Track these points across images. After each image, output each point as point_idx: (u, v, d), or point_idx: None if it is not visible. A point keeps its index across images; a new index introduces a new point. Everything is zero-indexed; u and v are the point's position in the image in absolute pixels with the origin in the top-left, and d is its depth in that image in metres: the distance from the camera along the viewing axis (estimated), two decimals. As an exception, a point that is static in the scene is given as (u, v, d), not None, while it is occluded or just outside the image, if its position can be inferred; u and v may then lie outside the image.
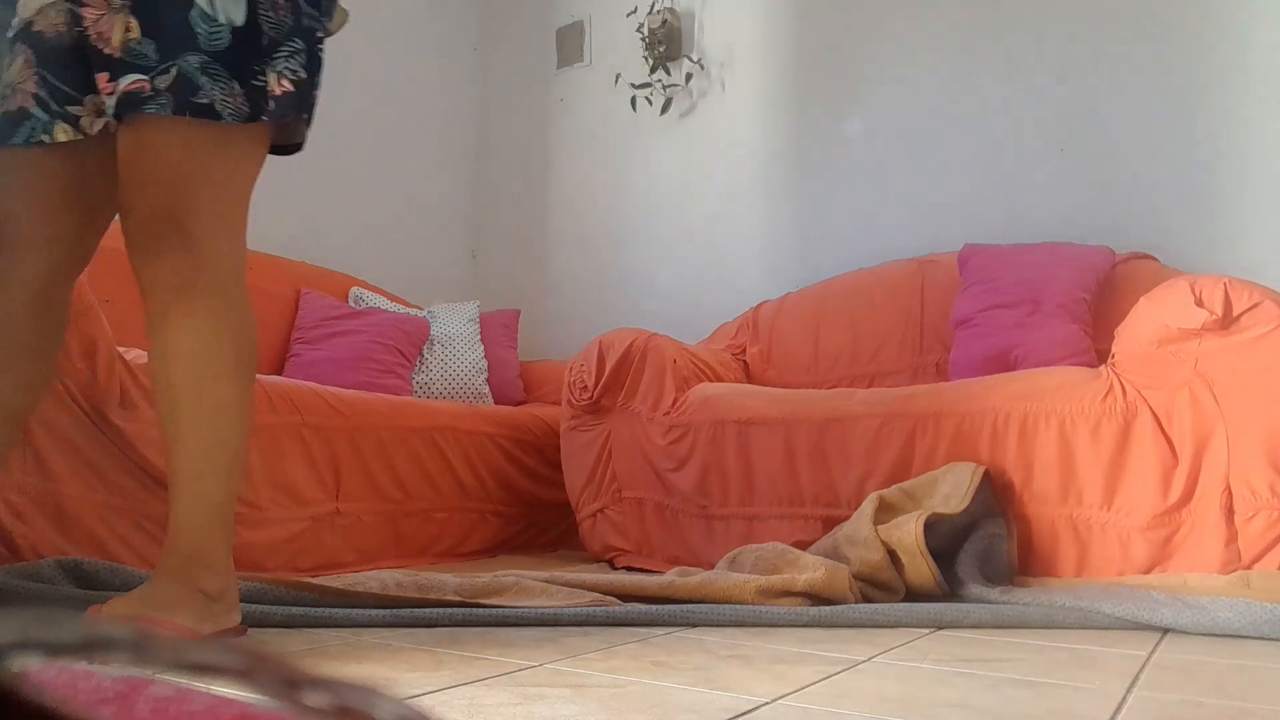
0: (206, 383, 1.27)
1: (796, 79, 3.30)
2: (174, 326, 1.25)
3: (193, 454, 1.26)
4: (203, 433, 1.27)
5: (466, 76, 4.00)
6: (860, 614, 1.62)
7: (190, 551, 1.26)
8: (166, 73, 1.21)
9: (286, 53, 1.28)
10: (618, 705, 1.03)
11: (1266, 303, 1.81)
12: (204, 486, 1.27)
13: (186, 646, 0.23)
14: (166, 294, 1.26)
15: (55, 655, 0.23)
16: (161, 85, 1.21)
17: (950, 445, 2.05)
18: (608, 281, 3.65)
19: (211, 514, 1.28)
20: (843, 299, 2.92)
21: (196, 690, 0.31)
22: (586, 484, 2.55)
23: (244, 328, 1.31)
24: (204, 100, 1.22)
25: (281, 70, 1.27)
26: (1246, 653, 1.43)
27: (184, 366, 1.26)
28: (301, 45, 1.30)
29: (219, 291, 1.27)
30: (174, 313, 1.25)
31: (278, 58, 1.27)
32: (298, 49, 1.29)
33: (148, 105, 1.21)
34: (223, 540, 1.30)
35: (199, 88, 1.21)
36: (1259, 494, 1.75)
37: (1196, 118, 2.65)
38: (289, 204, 3.29)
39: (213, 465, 1.27)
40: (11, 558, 1.60)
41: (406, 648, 1.34)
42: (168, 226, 1.24)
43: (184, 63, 1.21)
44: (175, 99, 1.21)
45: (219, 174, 1.27)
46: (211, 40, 1.22)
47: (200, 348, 1.26)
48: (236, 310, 1.30)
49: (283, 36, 1.28)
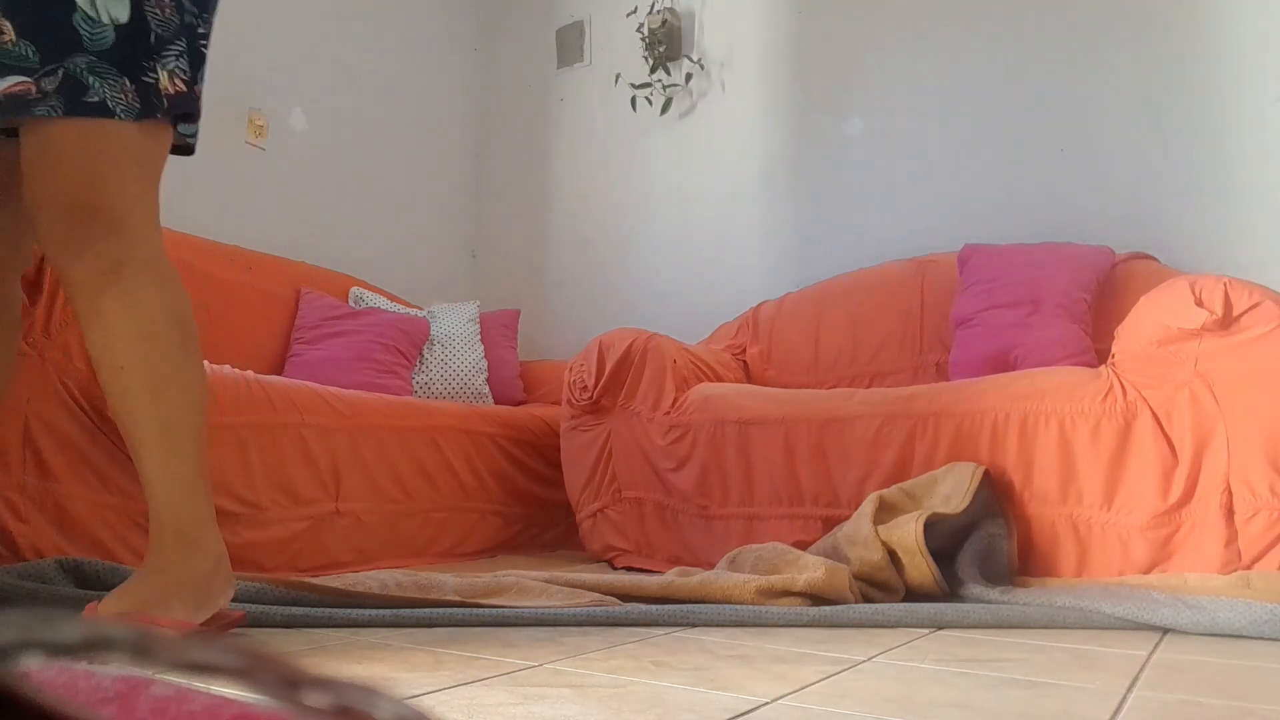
0: (157, 360, 1.26)
1: (796, 79, 3.30)
2: (111, 310, 1.25)
3: (157, 434, 1.26)
4: (163, 411, 1.26)
5: (466, 76, 4.00)
6: (860, 614, 1.62)
7: (174, 534, 1.26)
8: (53, 74, 1.21)
9: (175, 52, 1.29)
10: (618, 705, 1.03)
11: (1266, 303, 1.81)
12: (175, 465, 1.27)
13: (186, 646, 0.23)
14: (97, 281, 1.25)
15: (55, 655, 0.23)
16: (49, 87, 1.21)
17: (950, 445, 2.05)
18: (608, 281, 3.65)
19: (187, 491, 1.28)
20: (843, 299, 2.92)
21: (196, 690, 0.31)
22: (586, 484, 2.55)
23: (180, 301, 1.31)
24: (94, 99, 1.22)
25: (173, 70, 1.28)
26: (1246, 653, 1.42)
27: (131, 347, 1.25)
28: (185, 44, 1.30)
29: (148, 269, 1.27)
30: (108, 298, 1.25)
31: (167, 56, 1.28)
32: (183, 48, 1.30)
33: (37, 107, 1.21)
34: (205, 515, 1.30)
35: (88, 87, 1.22)
36: (1259, 494, 1.75)
37: (1196, 118, 2.65)
38: (289, 204, 3.29)
39: (179, 443, 1.27)
40: (11, 558, 1.60)
41: (406, 648, 1.34)
42: (84, 214, 1.24)
43: (70, 64, 1.22)
44: (66, 100, 1.21)
45: (125, 160, 1.27)
46: (96, 40, 1.23)
47: (144, 327, 1.26)
48: (169, 285, 1.29)
49: (170, 35, 1.28)
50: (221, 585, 1.31)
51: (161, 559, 1.27)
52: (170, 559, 1.26)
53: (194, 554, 1.27)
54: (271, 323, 2.89)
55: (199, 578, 1.27)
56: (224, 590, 1.31)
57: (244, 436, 2.03)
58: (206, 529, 1.29)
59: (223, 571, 1.31)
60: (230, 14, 3.09)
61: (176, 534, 1.27)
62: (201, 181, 2.99)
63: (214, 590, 1.29)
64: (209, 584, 1.28)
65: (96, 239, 1.24)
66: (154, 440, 1.27)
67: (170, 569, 1.26)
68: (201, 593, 1.27)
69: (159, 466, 1.27)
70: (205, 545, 1.29)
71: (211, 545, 1.30)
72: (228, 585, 1.32)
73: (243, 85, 3.13)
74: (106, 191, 1.24)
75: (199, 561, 1.27)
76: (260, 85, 3.19)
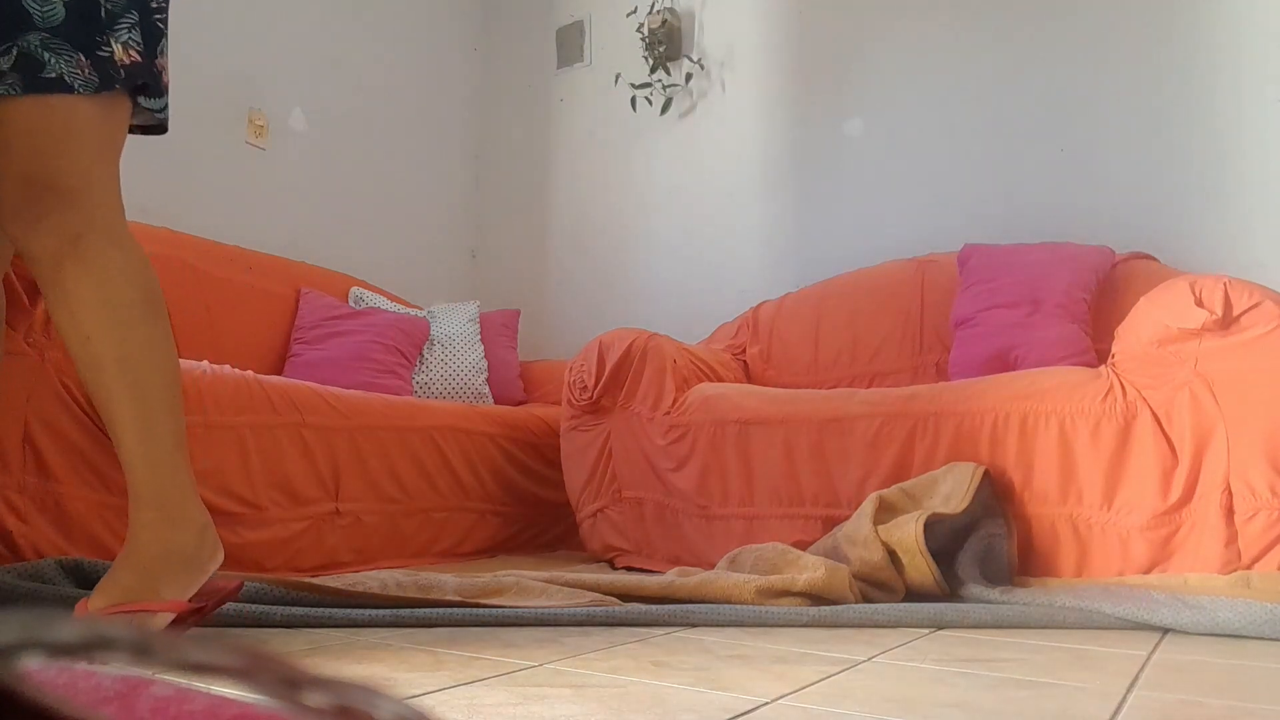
0: (123, 326, 1.25)
1: (796, 79, 3.30)
2: (73, 280, 1.24)
3: (129, 402, 1.25)
4: (135, 377, 1.25)
5: (466, 76, 4.00)
6: (860, 614, 1.62)
7: (154, 504, 1.24)
8: (7, 54, 1.22)
9: (127, 25, 1.29)
10: (618, 705, 1.03)
11: (1266, 303, 1.81)
12: (151, 432, 1.25)
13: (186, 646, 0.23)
14: (57, 251, 1.24)
15: (55, 655, 0.23)
16: (4, 66, 1.22)
17: (950, 445, 2.05)
18: (608, 281, 3.65)
19: (166, 459, 1.26)
20: (843, 299, 2.92)
21: (196, 690, 0.31)
22: (586, 484, 2.55)
23: (142, 268, 1.30)
24: (51, 75, 1.23)
25: (126, 41, 1.28)
26: (1246, 653, 1.42)
27: (96, 315, 1.24)
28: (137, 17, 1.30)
29: (109, 238, 1.27)
30: (69, 267, 1.24)
31: (119, 29, 1.28)
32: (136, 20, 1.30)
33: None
34: (186, 482, 1.28)
35: (44, 64, 1.22)
36: (1259, 494, 1.75)
37: (1196, 117, 2.65)
38: (289, 204, 3.29)
39: (154, 409, 1.26)
40: (11, 558, 1.60)
41: (406, 648, 1.34)
42: (41, 188, 1.24)
43: (23, 42, 1.22)
44: (23, 77, 1.22)
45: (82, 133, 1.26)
46: (46, 17, 1.23)
47: (106, 295, 1.25)
48: (130, 253, 1.29)
49: (120, 9, 1.28)
50: (209, 553, 1.28)
51: (144, 536, 1.24)
52: (152, 536, 1.24)
53: (177, 527, 1.25)
54: (271, 323, 2.89)
55: (185, 552, 1.25)
56: (213, 557, 1.29)
57: (244, 436, 2.03)
58: (188, 498, 1.27)
59: (208, 540, 1.29)
60: (230, 14, 3.10)
61: (157, 508, 1.24)
62: (201, 181, 2.99)
63: (202, 560, 1.26)
64: (196, 556, 1.26)
65: (52, 212, 1.24)
66: (127, 410, 1.25)
67: (153, 547, 1.23)
68: (189, 567, 1.24)
69: (134, 438, 1.25)
70: (188, 515, 1.27)
71: (194, 514, 1.28)
72: (215, 552, 1.30)
73: (243, 85, 3.13)
74: (61, 165, 1.24)
75: (183, 535, 1.25)
76: (260, 85, 3.19)
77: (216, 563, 1.30)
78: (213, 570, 1.30)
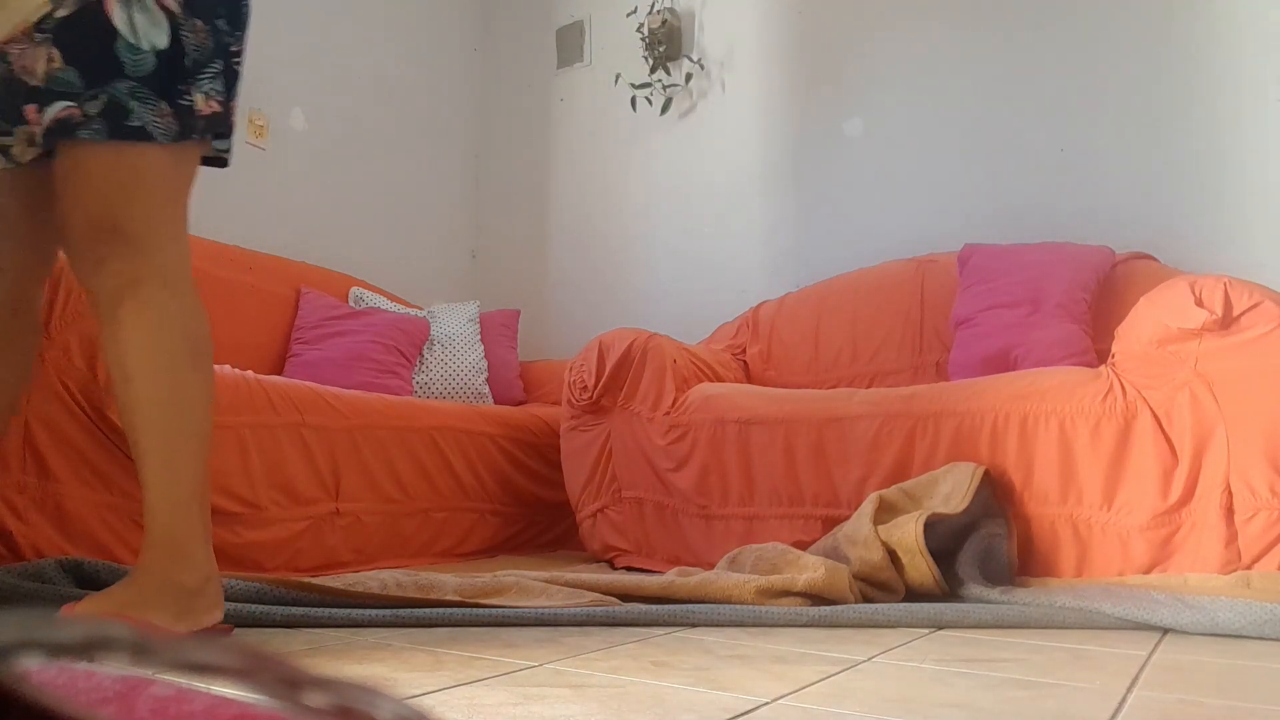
0: (163, 373, 1.29)
1: (796, 79, 3.30)
2: (126, 323, 1.28)
3: (158, 445, 1.28)
4: (166, 422, 1.29)
5: (466, 76, 4.00)
6: (860, 614, 1.62)
7: (165, 544, 1.27)
8: (96, 99, 1.26)
9: (210, 74, 1.34)
10: (618, 705, 1.03)
11: (1266, 303, 1.81)
12: (173, 477, 1.28)
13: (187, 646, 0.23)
14: (114, 296, 1.29)
15: (55, 655, 0.23)
16: (93, 111, 1.26)
17: (950, 445, 2.05)
18: (608, 281, 3.65)
19: (183, 504, 1.29)
20: (843, 299, 2.92)
21: (196, 690, 0.31)
22: (586, 484, 2.55)
23: (194, 318, 1.34)
24: (136, 123, 1.27)
25: (208, 91, 1.33)
26: (1246, 653, 1.42)
27: (140, 358, 1.28)
28: (221, 66, 1.36)
29: (166, 285, 1.30)
30: (124, 310, 1.28)
31: (202, 79, 1.33)
32: (219, 70, 1.35)
33: (80, 130, 1.26)
34: (199, 532, 1.30)
35: (130, 111, 1.27)
36: (1259, 494, 1.75)
37: (1197, 117, 2.65)
38: (289, 204, 3.29)
39: (179, 455, 1.29)
40: (11, 558, 1.60)
41: (406, 648, 1.34)
42: (107, 232, 1.28)
43: (113, 89, 1.27)
44: (108, 124, 1.26)
45: (152, 180, 1.31)
46: (137, 66, 1.27)
47: (153, 339, 1.29)
48: (185, 301, 1.33)
49: (205, 58, 1.33)
50: (207, 606, 1.30)
51: (148, 568, 1.27)
52: (156, 567, 1.26)
53: (181, 566, 1.27)
54: (271, 323, 2.89)
55: (183, 590, 1.27)
56: (209, 611, 1.30)
57: (244, 436, 2.03)
58: (198, 546, 1.30)
59: (210, 592, 1.30)
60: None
61: (166, 545, 1.27)
62: (201, 181, 2.98)
63: (197, 608, 1.28)
64: (192, 600, 1.28)
65: (116, 256, 1.28)
66: (153, 454, 1.28)
67: (154, 575, 1.26)
68: (184, 605, 1.26)
69: (156, 480, 1.28)
70: (194, 561, 1.29)
71: (200, 562, 1.30)
72: (214, 607, 1.31)
73: (243, 85, 3.12)
74: (131, 211, 1.29)
75: (187, 575, 1.27)
76: (260, 85, 3.19)
77: (213, 618, 1.31)
78: (206, 624, 1.31)
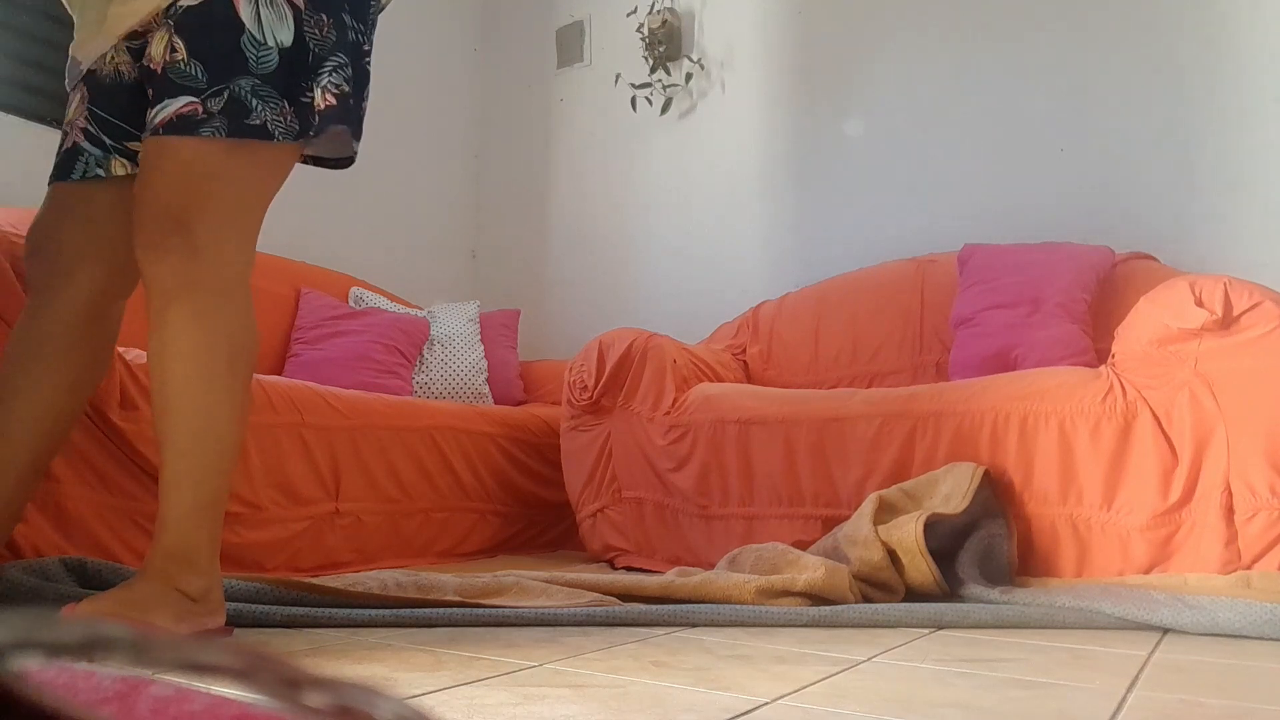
0: (198, 381, 1.28)
1: (796, 79, 3.30)
2: (172, 326, 1.27)
3: (182, 452, 1.27)
4: (193, 431, 1.28)
5: (466, 76, 4.00)
6: (860, 614, 1.62)
7: (173, 549, 1.26)
8: (219, 95, 1.25)
9: (330, 67, 1.31)
10: (618, 705, 1.03)
11: (1266, 303, 1.81)
12: (192, 484, 1.28)
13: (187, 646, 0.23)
14: (168, 293, 1.27)
15: (55, 655, 0.23)
16: (214, 108, 1.25)
17: (950, 445, 2.05)
18: (608, 281, 3.65)
19: (197, 513, 1.28)
20: (843, 299, 2.92)
21: (196, 690, 0.31)
22: (586, 484, 2.55)
23: (242, 330, 1.32)
24: (256, 121, 1.26)
25: (325, 85, 1.30)
26: (1246, 653, 1.42)
27: (178, 365, 1.27)
28: (345, 59, 1.33)
29: (220, 293, 1.29)
30: (173, 312, 1.27)
31: (322, 73, 1.30)
32: (341, 63, 1.33)
33: (202, 128, 1.25)
34: (208, 541, 1.29)
35: (250, 110, 1.26)
36: (1259, 494, 1.75)
37: (1196, 118, 2.65)
38: (289, 204, 3.28)
39: (201, 464, 1.28)
40: (12, 558, 1.59)
41: (406, 648, 1.34)
42: (174, 225, 1.26)
43: (235, 86, 1.25)
44: (230, 122, 1.25)
45: (235, 179, 1.29)
46: (261, 64, 1.26)
47: (194, 347, 1.27)
48: (236, 312, 1.31)
49: (327, 52, 1.31)
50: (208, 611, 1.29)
51: (153, 570, 1.26)
52: (162, 572, 1.26)
53: (188, 571, 1.27)
54: (271, 323, 2.89)
55: (188, 592, 1.26)
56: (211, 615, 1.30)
57: (244, 436, 2.03)
58: (204, 557, 1.29)
59: (212, 598, 1.30)
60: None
61: (175, 552, 1.27)
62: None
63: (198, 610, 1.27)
64: (195, 604, 1.27)
65: (176, 251, 1.27)
66: (180, 460, 1.27)
67: (158, 578, 1.26)
68: (185, 610, 1.25)
69: (174, 485, 1.28)
70: (202, 567, 1.28)
71: (208, 568, 1.29)
72: (215, 612, 1.31)
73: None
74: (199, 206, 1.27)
75: (192, 579, 1.27)
76: (260, 85, 3.19)
77: (214, 622, 1.31)
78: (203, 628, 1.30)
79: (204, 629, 1.29)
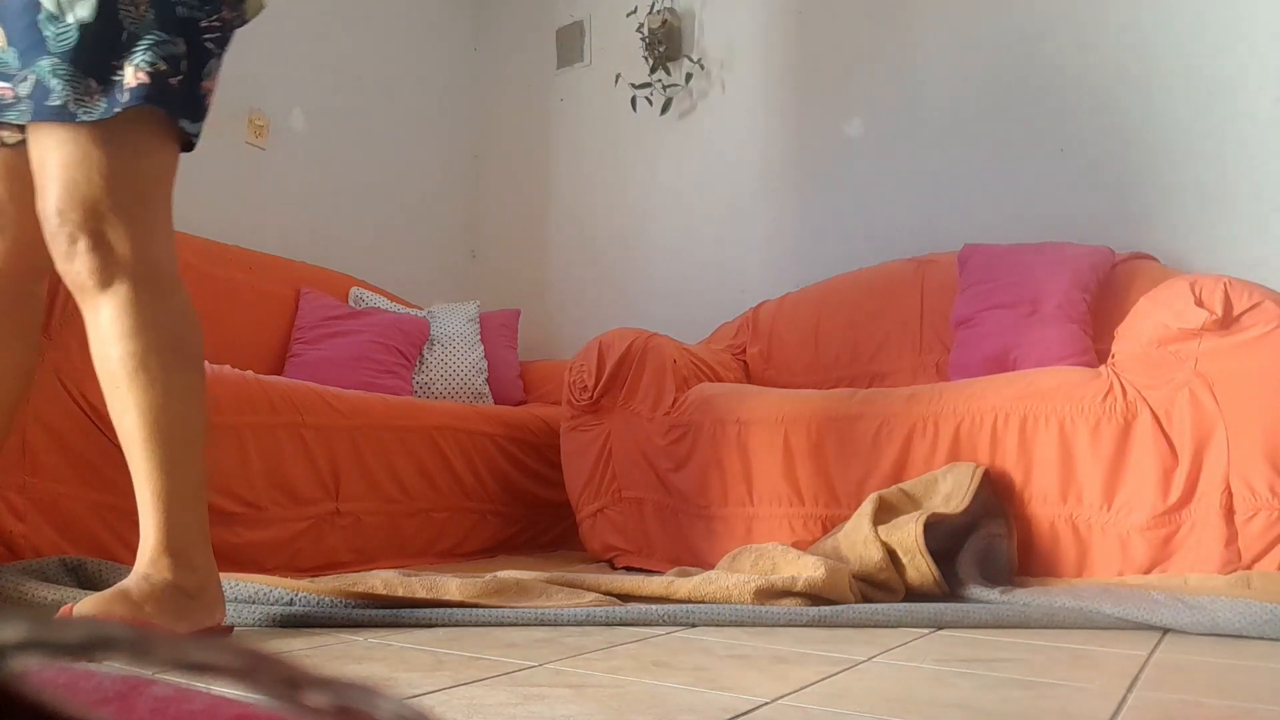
0: (153, 380, 1.24)
1: (797, 79, 3.30)
2: (106, 326, 1.24)
3: (149, 449, 1.24)
4: (158, 430, 1.24)
5: (466, 76, 4.00)
6: (860, 614, 1.62)
7: (162, 546, 1.24)
8: (26, 79, 1.21)
9: (146, 45, 1.24)
10: (618, 705, 1.03)
11: (1266, 303, 1.82)
12: (167, 480, 1.25)
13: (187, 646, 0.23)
14: (91, 295, 1.24)
15: (55, 655, 0.23)
16: (23, 92, 1.21)
17: (950, 445, 2.05)
18: (608, 281, 3.65)
19: (179, 507, 1.25)
20: (843, 299, 2.92)
21: (196, 690, 0.31)
22: (586, 484, 2.55)
23: (177, 315, 1.28)
24: (56, 103, 1.20)
25: (138, 63, 1.23)
26: (1246, 653, 1.42)
27: (125, 364, 1.24)
28: (165, 36, 1.25)
29: (142, 283, 1.24)
30: (104, 312, 1.24)
31: (136, 51, 1.24)
32: (160, 40, 1.25)
33: (8, 113, 1.21)
34: (197, 534, 1.27)
35: (50, 91, 1.20)
36: (1259, 494, 1.75)
37: (1196, 117, 2.65)
38: (289, 204, 3.29)
39: (172, 457, 1.25)
40: (11, 558, 1.60)
41: (406, 648, 1.34)
42: (73, 228, 1.22)
43: (37, 68, 1.20)
44: (34, 104, 1.20)
45: (110, 170, 1.23)
46: (60, 41, 1.20)
47: (136, 343, 1.24)
48: (166, 299, 1.27)
49: (143, 30, 1.24)
50: (207, 608, 1.27)
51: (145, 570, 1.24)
52: (153, 569, 1.23)
53: (180, 570, 1.24)
54: (271, 323, 2.89)
55: (182, 593, 1.24)
56: (210, 613, 1.28)
57: (244, 436, 2.03)
58: (196, 550, 1.26)
59: (210, 595, 1.28)
60: (230, 14, 3.10)
61: (164, 550, 1.24)
62: (201, 181, 2.99)
63: (197, 611, 1.25)
64: (193, 601, 1.25)
65: (83, 253, 1.22)
66: (146, 460, 1.24)
67: (154, 578, 1.23)
68: (183, 608, 1.23)
69: (148, 484, 1.24)
70: (196, 563, 1.26)
71: (202, 563, 1.27)
72: (215, 609, 1.29)
73: (243, 85, 3.13)
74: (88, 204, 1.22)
75: (188, 577, 1.24)
76: (260, 85, 3.19)
77: (214, 620, 1.29)
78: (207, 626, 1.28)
79: (204, 626, 1.28)
